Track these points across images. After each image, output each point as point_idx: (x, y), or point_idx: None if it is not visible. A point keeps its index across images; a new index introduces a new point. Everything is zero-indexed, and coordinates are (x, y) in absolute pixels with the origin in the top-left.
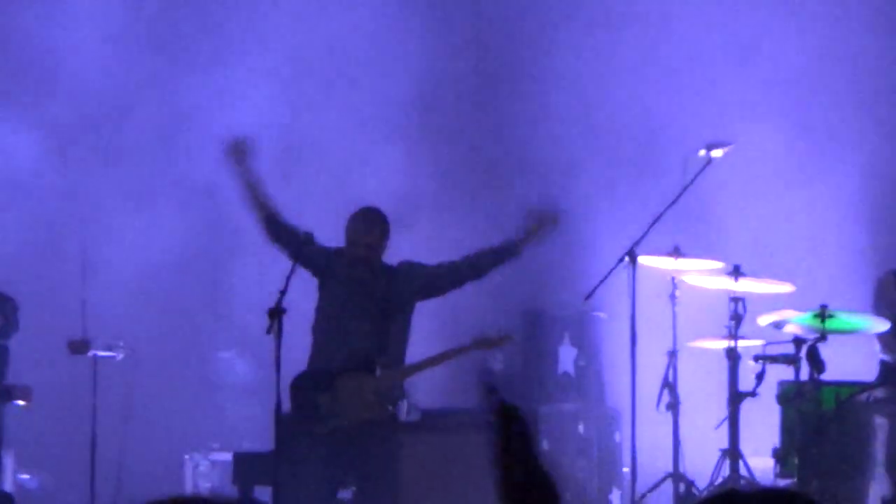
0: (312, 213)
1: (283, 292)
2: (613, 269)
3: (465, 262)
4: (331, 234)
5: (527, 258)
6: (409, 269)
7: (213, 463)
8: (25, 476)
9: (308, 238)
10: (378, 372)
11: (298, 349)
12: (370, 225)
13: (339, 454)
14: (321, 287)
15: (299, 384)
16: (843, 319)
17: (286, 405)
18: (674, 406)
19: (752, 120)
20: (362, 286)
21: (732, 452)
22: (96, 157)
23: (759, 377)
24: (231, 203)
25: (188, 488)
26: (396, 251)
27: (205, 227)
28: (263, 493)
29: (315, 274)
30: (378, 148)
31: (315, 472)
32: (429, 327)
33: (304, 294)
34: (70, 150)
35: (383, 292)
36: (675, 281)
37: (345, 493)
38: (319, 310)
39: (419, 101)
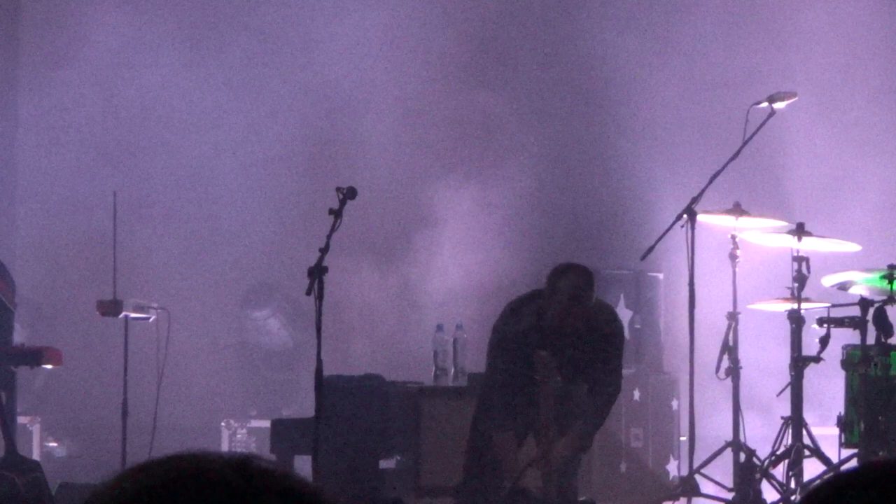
0: None
1: (324, 250)
2: (671, 227)
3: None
4: None
5: (581, 215)
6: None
7: (251, 430)
8: (53, 444)
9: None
10: None
11: (338, 308)
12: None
13: None
14: None
15: None
16: None
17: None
18: (734, 371)
19: (817, 70)
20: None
21: (795, 420)
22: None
23: (824, 341)
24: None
25: None
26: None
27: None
28: (303, 461)
29: None
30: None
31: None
32: (476, 290)
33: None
34: None
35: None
36: (736, 240)
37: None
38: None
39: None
